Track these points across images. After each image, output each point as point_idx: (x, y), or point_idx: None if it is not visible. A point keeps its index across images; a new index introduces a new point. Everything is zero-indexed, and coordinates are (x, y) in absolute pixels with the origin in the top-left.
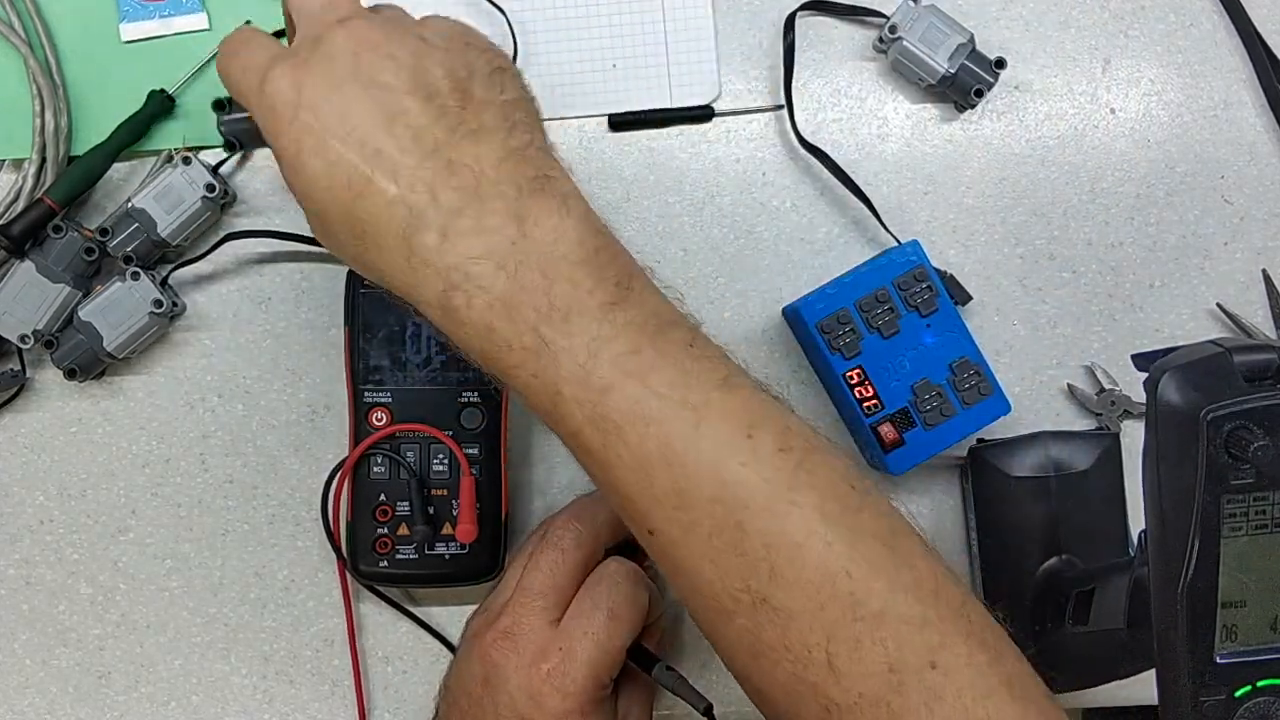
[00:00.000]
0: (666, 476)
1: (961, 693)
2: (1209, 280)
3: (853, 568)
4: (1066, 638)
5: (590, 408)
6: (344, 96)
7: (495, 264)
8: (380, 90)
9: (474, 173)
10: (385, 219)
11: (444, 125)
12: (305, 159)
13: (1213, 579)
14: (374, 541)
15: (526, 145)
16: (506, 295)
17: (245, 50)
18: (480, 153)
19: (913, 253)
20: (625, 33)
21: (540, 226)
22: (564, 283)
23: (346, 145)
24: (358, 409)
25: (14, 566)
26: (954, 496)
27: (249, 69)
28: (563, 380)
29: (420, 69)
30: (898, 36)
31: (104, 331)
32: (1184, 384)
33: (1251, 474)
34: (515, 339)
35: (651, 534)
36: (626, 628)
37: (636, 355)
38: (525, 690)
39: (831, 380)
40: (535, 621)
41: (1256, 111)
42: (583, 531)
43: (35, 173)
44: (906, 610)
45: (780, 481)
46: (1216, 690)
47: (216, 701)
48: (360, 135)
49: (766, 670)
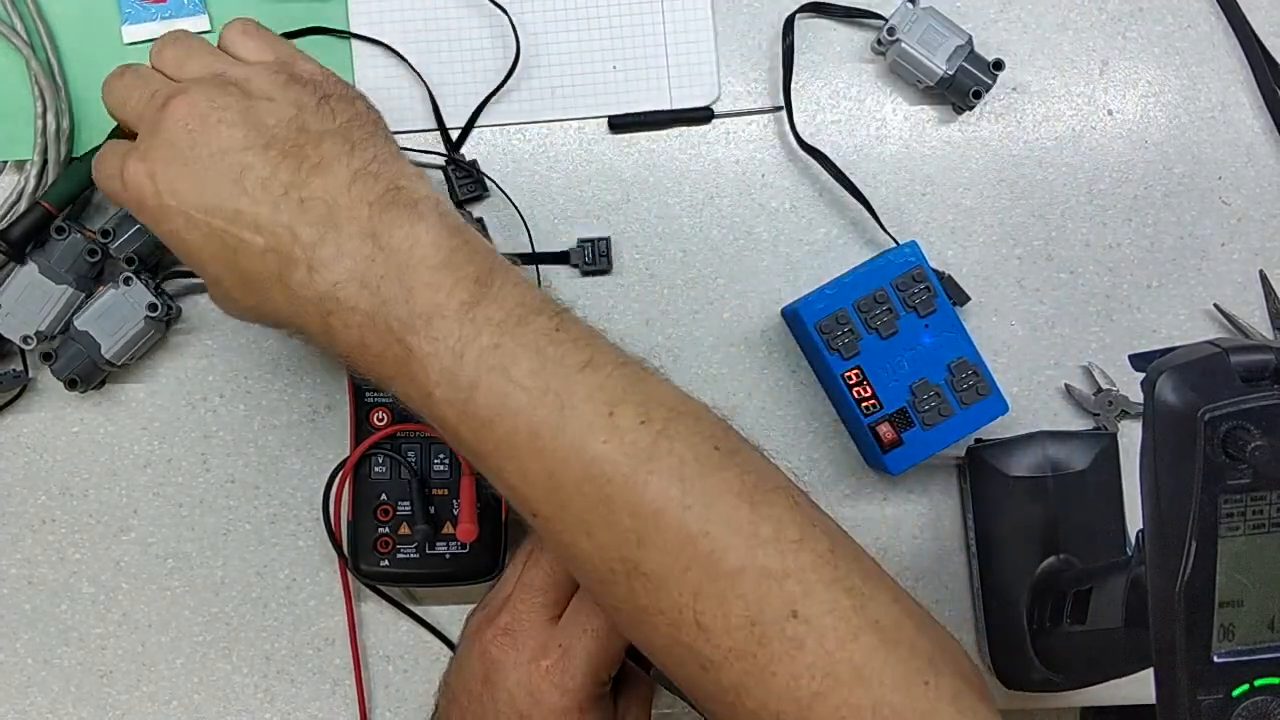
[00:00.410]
0: (538, 463)
1: (824, 638)
2: (1206, 281)
3: (711, 528)
4: (1064, 637)
5: (460, 406)
6: (192, 172)
7: (359, 284)
8: (221, 155)
9: (326, 204)
10: (261, 268)
11: (287, 168)
12: (182, 236)
13: (1210, 578)
14: (375, 541)
15: (370, 161)
16: (372, 310)
17: (102, 161)
18: (327, 183)
19: (911, 253)
20: (625, 34)
21: (394, 238)
22: (423, 288)
23: (210, 215)
24: (359, 409)
25: (16, 566)
26: (952, 496)
27: (110, 176)
28: (432, 383)
29: (251, 122)
30: (896, 38)
31: (101, 339)
32: (1181, 384)
33: (1249, 474)
34: (385, 350)
35: (535, 516)
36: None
37: (498, 349)
38: (525, 687)
39: (830, 380)
40: (535, 618)
41: (1254, 113)
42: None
43: (37, 174)
44: (766, 564)
45: (639, 453)
46: (1214, 689)
47: (218, 700)
48: (217, 202)
49: (649, 635)
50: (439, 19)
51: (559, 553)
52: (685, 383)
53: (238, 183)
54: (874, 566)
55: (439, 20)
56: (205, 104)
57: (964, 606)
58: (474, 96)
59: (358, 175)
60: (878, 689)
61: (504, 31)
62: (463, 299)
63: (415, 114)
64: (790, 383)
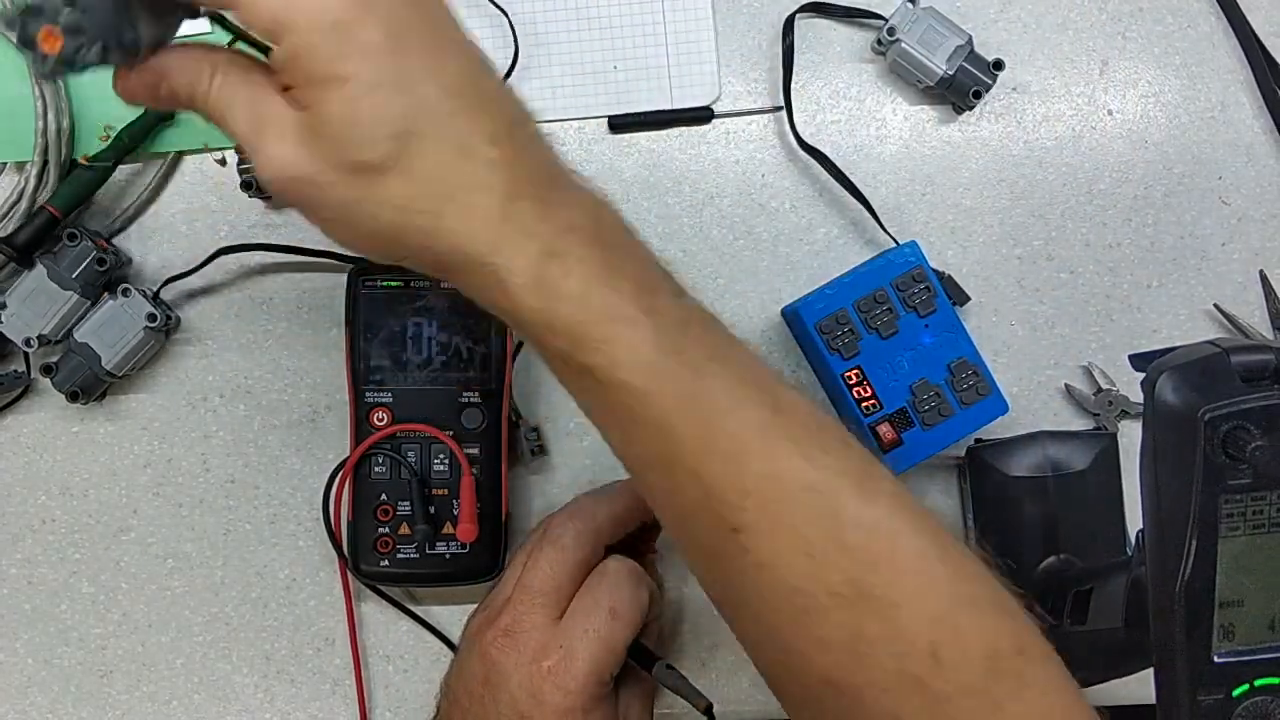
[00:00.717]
0: (758, 464)
1: (1049, 677)
2: (1206, 281)
3: (949, 553)
4: (1064, 637)
5: (683, 384)
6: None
7: (590, 236)
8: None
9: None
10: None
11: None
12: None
13: (1210, 578)
14: (375, 541)
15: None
16: (605, 264)
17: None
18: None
19: (911, 253)
20: (626, 35)
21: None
22: (642, 261)
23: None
24: (359, 409)
25: (16, 566)
26: (952, 496)
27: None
28: (654, 358)
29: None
30: (896, 38)
31: (101, 351)
32: (1181, 384)
33: (1249, 474)
34: (617, 310)
35: (737, 531)
36: (627, 626)
37: (709, 338)
38: (526, 688)
39: (830, 380)
40: (536, 619)
41: (1254, 113)
42: (583, 529)
43: (37, 175)
44: (996, 596)
45: (863, 472)
46: (1214, 689)
47: (218, 700)
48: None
49: (865, 667)
50: None
51: (747, 576)
52: None
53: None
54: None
55: None
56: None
57: None
58: None
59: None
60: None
61: (503, 32)
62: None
63: None
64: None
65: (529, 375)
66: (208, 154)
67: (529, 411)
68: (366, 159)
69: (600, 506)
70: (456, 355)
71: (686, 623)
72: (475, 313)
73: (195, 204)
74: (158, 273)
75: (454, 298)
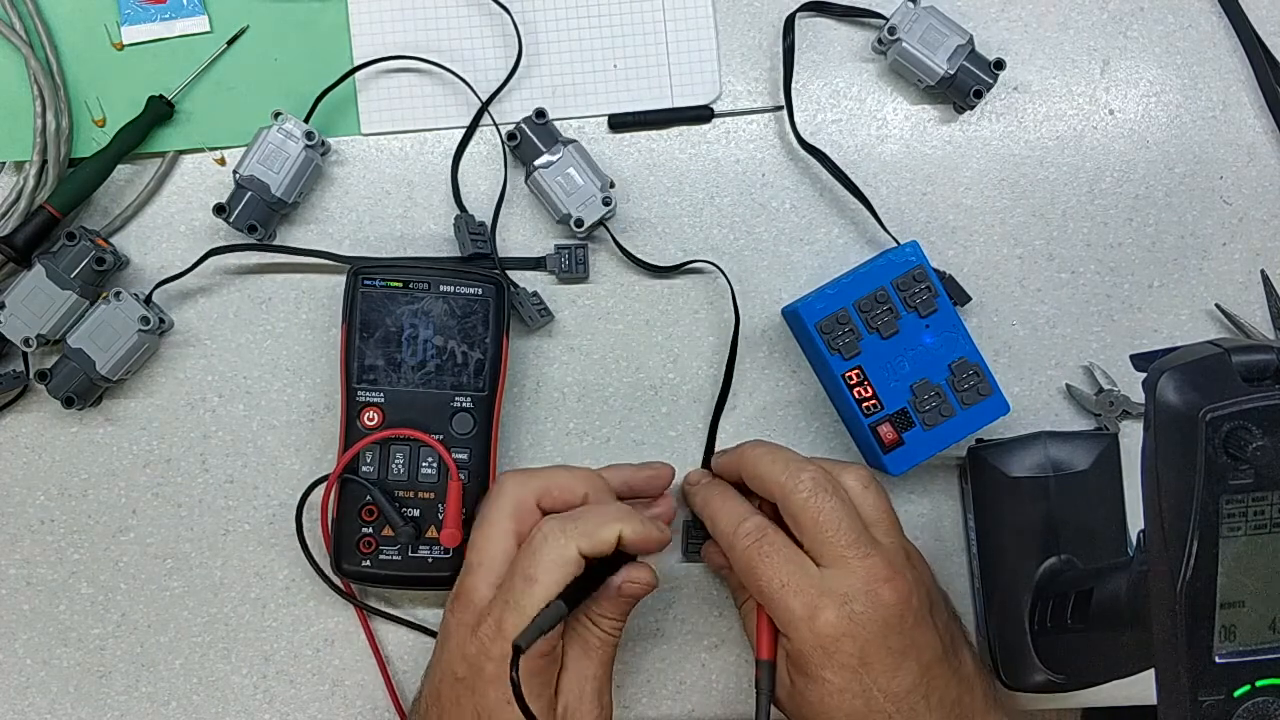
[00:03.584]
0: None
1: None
2: (1207, 281)
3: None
4: (1065, 638)
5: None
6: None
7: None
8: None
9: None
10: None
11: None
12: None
13: (1211, 579)
14: (358, 541)
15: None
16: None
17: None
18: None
19: (912, 253)
20: (626, 33)
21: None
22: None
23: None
24: (350, 407)
25: (15, 566)
26: (953, 497)
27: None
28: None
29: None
30: (897, 38)
31: (95, 355)
32: (1183, 384)
33: (1250, 474)
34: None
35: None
36: (540, 590)
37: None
38: (460, 652)
39: (831, 381)
40: (476, 583)
41: (1255, 112)
42: (505, 500)
43: (36, 174)
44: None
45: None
46: (1215, 690)
47: (217, 701)
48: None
49: None
50: (440, 18)
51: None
52: (686, 382)
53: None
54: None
55: (440, 20)
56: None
57: (965, 607)
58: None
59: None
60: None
61: (505, 30)
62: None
63: (420, 114)
64: (790, 383)
65: (530, 373)
66: (207, 153)
67: (529, 414)
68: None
69: (532, 478)
70: (451, 359)
71: (687, 623)
72: (472, 317)
73: (194, 203)
74: (156, 272)
75: (452, 301)
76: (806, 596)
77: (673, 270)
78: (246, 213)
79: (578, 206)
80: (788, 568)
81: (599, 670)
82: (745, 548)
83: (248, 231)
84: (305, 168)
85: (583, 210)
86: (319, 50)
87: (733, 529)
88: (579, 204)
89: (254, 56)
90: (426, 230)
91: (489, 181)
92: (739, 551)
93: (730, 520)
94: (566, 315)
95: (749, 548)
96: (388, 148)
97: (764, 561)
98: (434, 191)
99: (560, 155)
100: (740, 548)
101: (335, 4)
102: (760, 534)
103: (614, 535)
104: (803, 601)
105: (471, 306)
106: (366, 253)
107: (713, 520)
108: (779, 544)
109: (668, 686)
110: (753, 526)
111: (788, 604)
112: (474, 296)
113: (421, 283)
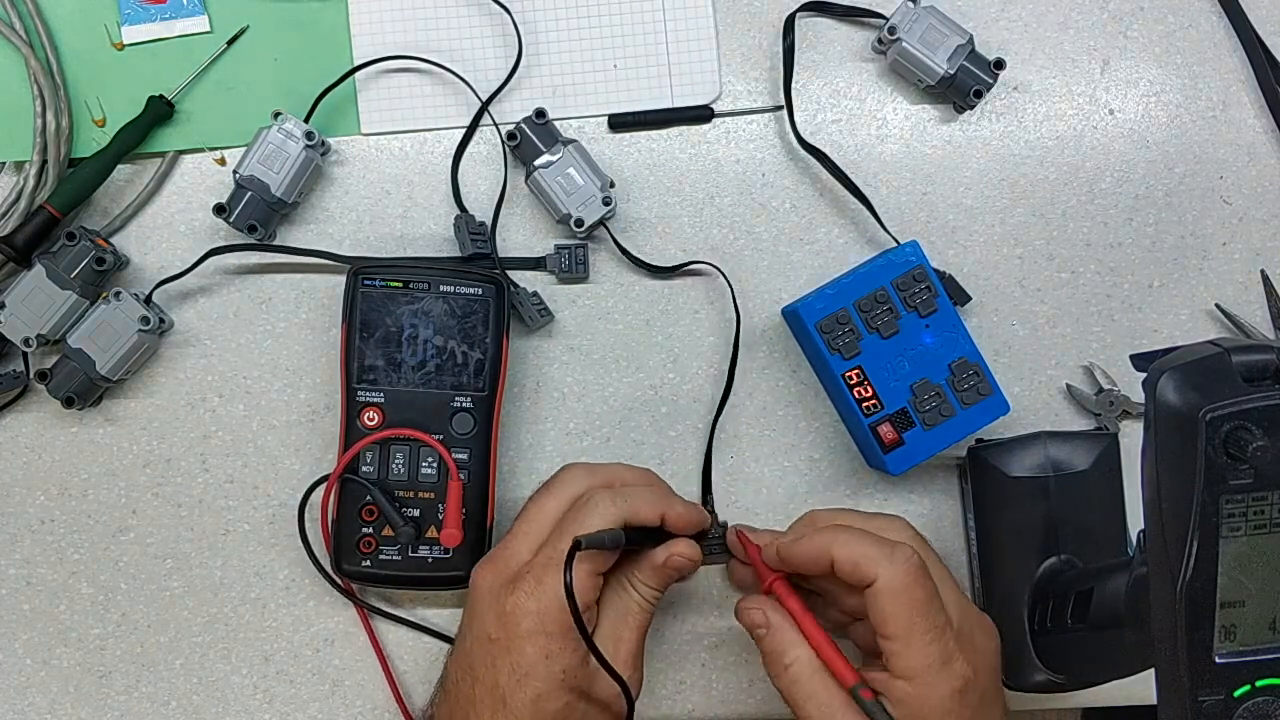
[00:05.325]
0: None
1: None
2: (1207, 280)
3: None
4: (1065, 637)
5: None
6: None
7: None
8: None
9: None
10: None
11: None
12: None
13: (1211, 579)
14: (358, 541)
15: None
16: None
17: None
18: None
19: (912, 253)
20: (626, 33)
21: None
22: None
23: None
24: (350, 407)
25: (15, 566)
26: (953, 497)
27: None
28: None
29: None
30: (897, 38)
31: (95, 355)
32: (1183, 384)
33: (1250, 474)
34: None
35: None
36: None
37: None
38: (495, 610)
39: (831, 380)
40: (518, 547)
41: (1255, 112)
42: (567, 486)
43: (36, 174)
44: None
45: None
46: (1215, 690)
47: (217, 701)
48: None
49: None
50: (440, 18)
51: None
52: (686, 382)
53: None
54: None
55: (440, 20)
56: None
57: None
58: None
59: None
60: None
61: (505, 30)
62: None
63: (420, 114)
64: (790, 383)
65: (530, 373)
66: (207, 153)
67: (529, 414)
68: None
69: (607, 470)
70: (451, 359)
71: (687, 623)
72: (472, 317)
73: (194, 203)
74: (156, 272)
75: (452, 301)
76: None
77: (673, 270)
78: (246, 213)
79: (578, 206)
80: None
81: (633, 635)
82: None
83: (248, 231)
84: (305, 168)
85: (583, 210)
86: (319, 50)
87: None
88: (579, 204)
89: (254, 56)
90: (426, 230)
91: (489, 181)
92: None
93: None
94: (566, 315)
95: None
96: (388, 148)
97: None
98: (434, 191)
99: (560, 155)
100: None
101: (335, 4)
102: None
103: (658, 514)
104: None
105: (471, 306)
106: (366, 253)
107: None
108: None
109: (668, 686)
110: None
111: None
112: (474, 296)
113: (421, 283)
